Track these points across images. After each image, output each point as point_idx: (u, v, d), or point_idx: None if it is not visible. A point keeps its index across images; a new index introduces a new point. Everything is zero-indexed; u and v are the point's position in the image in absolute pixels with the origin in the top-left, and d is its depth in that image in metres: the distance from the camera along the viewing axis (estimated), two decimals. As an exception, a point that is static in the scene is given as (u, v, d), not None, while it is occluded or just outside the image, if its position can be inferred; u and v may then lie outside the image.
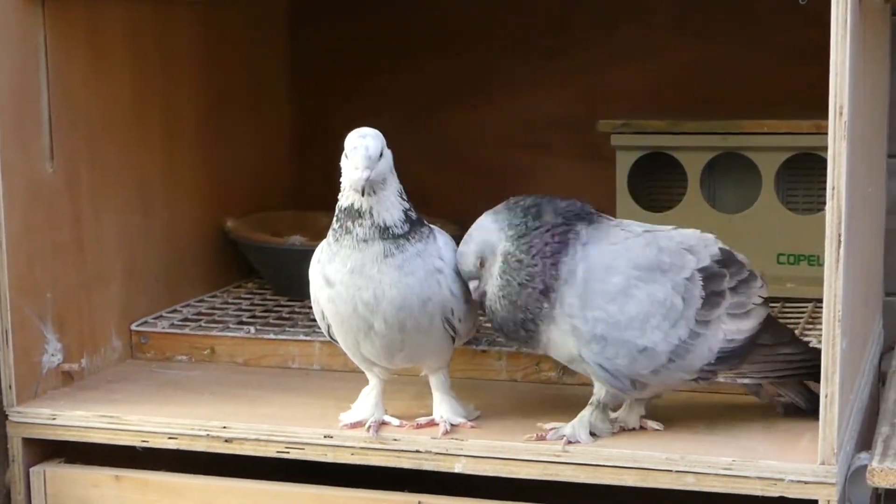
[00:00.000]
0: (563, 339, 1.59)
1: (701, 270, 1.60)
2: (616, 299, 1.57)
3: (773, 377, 1.63)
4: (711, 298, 1.59)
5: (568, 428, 1.60)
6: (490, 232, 1.61)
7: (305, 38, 2.56)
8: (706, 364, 1.59)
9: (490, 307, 1.62)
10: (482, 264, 1.61)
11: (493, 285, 1.61)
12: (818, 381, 1.49)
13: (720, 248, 1.64)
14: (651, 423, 1.65)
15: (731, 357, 1.60)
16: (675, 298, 1.57)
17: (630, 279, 1.57)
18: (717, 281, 1.60)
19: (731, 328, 1.59)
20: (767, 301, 1.65)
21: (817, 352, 1.58)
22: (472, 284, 1.63)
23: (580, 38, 2.41)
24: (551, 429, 1.61)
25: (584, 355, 1.58)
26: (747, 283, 1.63)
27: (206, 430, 1.70)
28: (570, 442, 1.58)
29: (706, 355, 1.59)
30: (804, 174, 2.20)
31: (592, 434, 1.60)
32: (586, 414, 1.61)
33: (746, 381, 1.62)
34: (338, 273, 1.59)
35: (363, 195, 1.56)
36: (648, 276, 1.58)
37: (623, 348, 1.57)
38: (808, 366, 1.61)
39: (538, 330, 1.59)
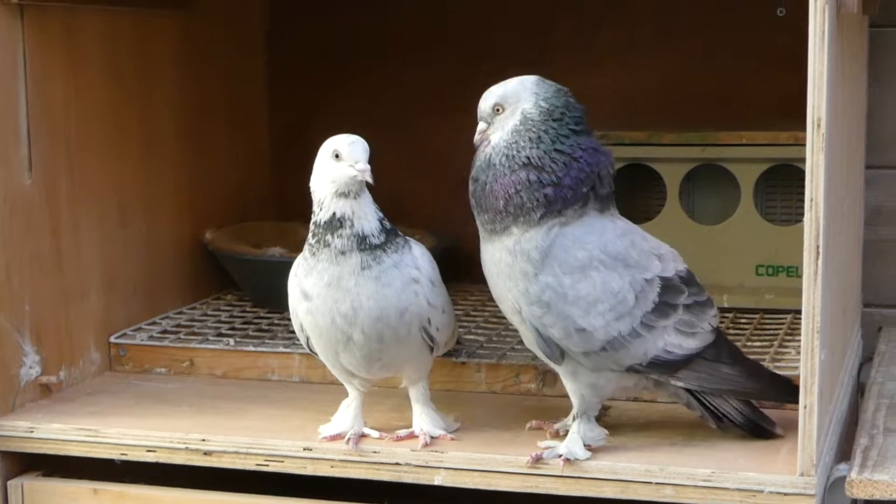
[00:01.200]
0: (511, 273, 1.57)
1: (663, 279, 1.60)
2: (573, 273, 1.56)
3: (709, 389, 1.62)
4: (663, 307, 1.59)
5: (563, 447, 1.59)
6: (525, 88, 1.60)
7: (283, 48, 2.56)
8: (637, 364, 1.59)
9: (486, 159, 1.58)
10: (497, 111, 1.60)
11: (500, 138, 1.58)
12: (759, 402, 1.59)
13: (686, 269, 1.65)
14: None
15: (664, 366, 1.60)
16: (629, 294, 1.57)
17: (594, 260, 1.57)
18: (673, 294, 1.60)
19: (674, 342, 1.60)
20: (718, 330, 1.65)
21: (764, 377, 1.64)
22: (481, 126, 1.61)
23: (560, 48, 2.41)
24: (546, 447, 1.60)
25: (524, 313, 1.58)
26: (703, 307, 1.63)
27: (184, 443, 1.70)
28: (567, 460, 1.57)
29: (640, 357, 1.59)
30: (783, 185, 2.20)
31: (587, 446, 1.60)
32: (575, 429, 1.61)
33: (681, 384, 1.62)
34: (315, 287, 1.59)
35: (348, 198, 1.57)
36: (612, 263, 1.58)
37: (561, 321, 1.57)
38: (750, 388, 1.63)
39: (505, 229, 1.56)
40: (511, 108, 1.59)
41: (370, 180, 1.56)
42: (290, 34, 2.55)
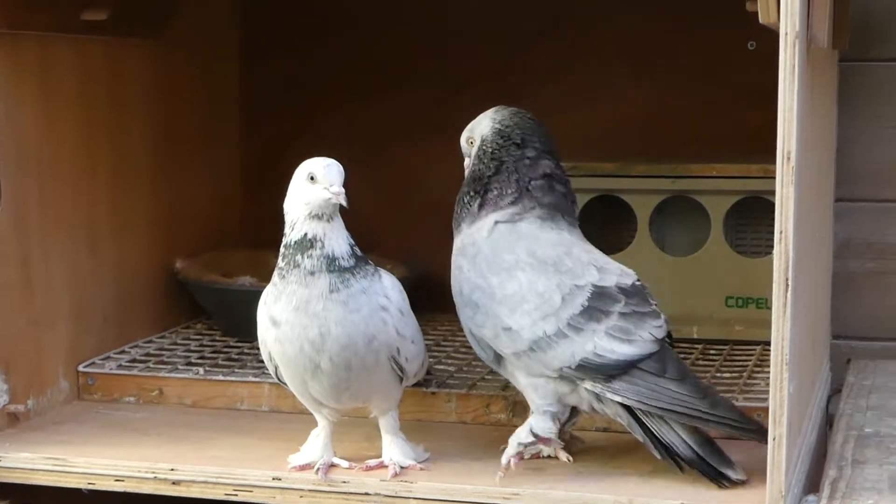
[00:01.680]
0: (455, 275, 1.69)
1: (597, 286, 1.63)
2: (500, 274, 1.64)
3: (650, 405, 1.60)
4: (593, 311, 1.62)
5: (513, 438, 1.66)
6: (486, 116, 1.75)
7: (256, 76, 2.56)
8: (566, 367, 1.61)
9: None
10: (471, 143, 1.75)
11: (469, 164, 1.75)
12: (704, 427, 1.57)
13: (634, 284, 1.67)
14: (563, 454, 1.68)
15: (595, 370, 1.60)
16: (555, 295, 1.62)
17: (520, 262, 1.64)
18: (607, 301, 1.63)
19: (605, 346, 1.60)
20: (664, 341, 1.64)
21: (718, 402, 1.59)
22: (466, 162, 1.77)
23: (534, 81, 2.42)
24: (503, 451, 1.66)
25: (459, 315, 1.68)
26: (643, 316, 1.63)
27: (153, 472, 1.69)
28: (522, 457, 1.64)
29: (567, 358, 1.61)
30: (752, 217, 2.22)
31: (539, 439, 1.64)
32: (527, 421, 1.66)
33: (618, 398, 1.61)
34: (283, 312, 1.59)
35: (321, 220, 1.58)
36: (539, 266, 1.64)
37: (490, 320, 1.63)
38: (699, 411, 1.58)
39: (457, 228, 1.72)
40: (477, 137, 1.74)
41: (345, 203, 1.57)
42: (264, 63, 2.55)
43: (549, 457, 1.68)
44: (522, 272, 1.63)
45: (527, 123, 1.72)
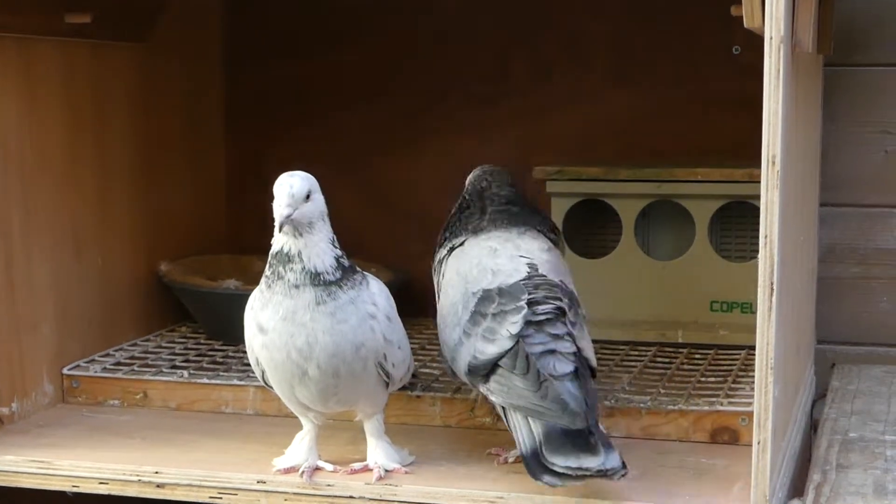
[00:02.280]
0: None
1: (484, 290, 1.67)
2: (446, 292, 1.74)
3: (508, 403, 1.59)
4: (476, 316, 1.65)
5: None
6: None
7: (240, 82, 2.55)
8: (464, 372, 1.65)
9: None
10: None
11: None
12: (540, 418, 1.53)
13: (518, 283, 1.67)
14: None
15: (474, 373, 1.62)
16: (460, 305, 1.68)
17: (451, 280, 1.74)
18: (486, 303, 1.65)
19: (480, 348, 1.62)
20: (519, 339, 1.61)
21: (542, 391, 1.55)
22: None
23: (516, 86, 2.42)
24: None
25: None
26: (506, 314, 1.63)
27: (137, 476, 1.69)
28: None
29: (463, 364, 1.64)
30: (737, 222, 2.22)
31: None
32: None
33: (493, 398, 1.61)
34: (270, 320, 1.59)
35: (288, 235, 1.57)
36: (458, 281, 1.72)
37: (442, 334, 1.72)
38: (529, 402, 1.55)
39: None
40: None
41: (278, 229, 1.55)
42: (249, 69, 2.55)
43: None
44: (452, 288, 1.73)
45: (486, 174, 1.91)
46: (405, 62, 2.48)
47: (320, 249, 1.58)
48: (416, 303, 2.12)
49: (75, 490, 1.71)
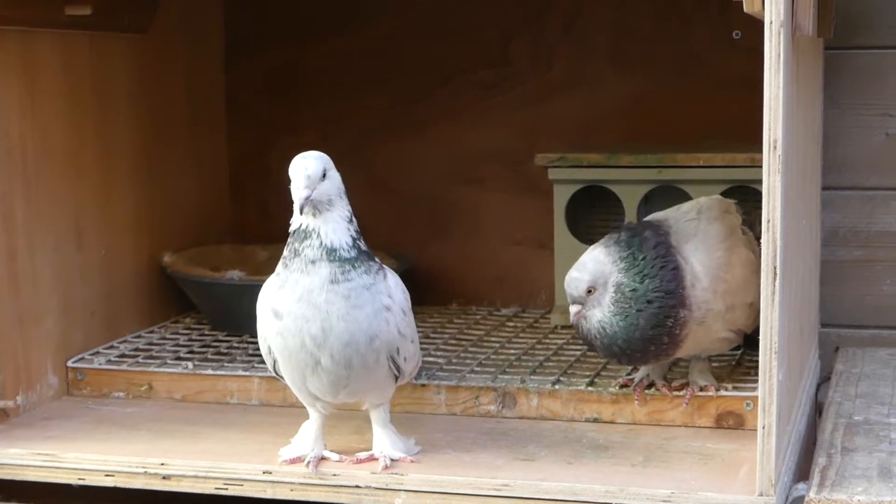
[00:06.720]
0: (706, 328, 1.74)
1: None
2: (721, 264, 1.76)
3: None
4: None
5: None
6: (604, 264, 1.73)
7: (242, 72, 2.55)
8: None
9: (600, 331, 1.72)
10: (590, 292, 1.73)
11: (603, 312, 1.72)
12: None
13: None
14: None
15: None
16: None
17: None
18: None
19: None
20: None
21: None
22: (574, 308, 1.74)
23: (518, 72, 2.42)
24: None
25: (721, 325, 1.77)
26: None
27: (143, 467, 1.69)
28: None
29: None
30: (740, 206, 2.21)
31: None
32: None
33: None
34: (286, 303, 1.58)
35: (308, 215, 1.57)
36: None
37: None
38: None
39: (681, 335, 1.72)
40: (602, 287, 1.73)
41: (298, 210, 1.56)
42: (249, 58, 2.55)
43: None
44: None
45: (629, 236, 1.77)
46: (406, 49, 2.47)
47: (337, 226, 1.59)
48: (420, 291, 2.12)
49: (81, 482, 1.71)
